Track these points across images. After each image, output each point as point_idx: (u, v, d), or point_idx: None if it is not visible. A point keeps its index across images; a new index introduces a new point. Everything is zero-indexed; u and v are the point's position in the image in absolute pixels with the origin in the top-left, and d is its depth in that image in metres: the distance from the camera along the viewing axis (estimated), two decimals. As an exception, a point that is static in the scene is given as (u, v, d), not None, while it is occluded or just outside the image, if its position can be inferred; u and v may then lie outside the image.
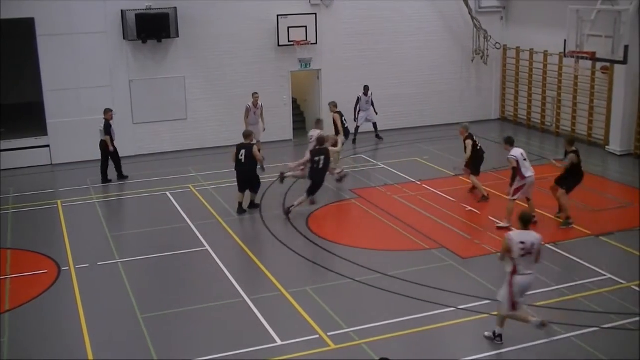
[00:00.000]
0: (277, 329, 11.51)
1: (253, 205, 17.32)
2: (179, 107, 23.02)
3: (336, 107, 20.82)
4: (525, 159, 15.58)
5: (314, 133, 18.31)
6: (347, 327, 11.53)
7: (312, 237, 15.56)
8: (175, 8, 22.12)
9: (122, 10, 21.71)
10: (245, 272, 14.02)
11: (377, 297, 12.74)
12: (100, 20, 21.72)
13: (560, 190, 15.95)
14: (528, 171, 15.57)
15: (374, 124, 24.14)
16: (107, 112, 19.74)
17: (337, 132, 20.19)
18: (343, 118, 20.69)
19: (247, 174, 16.90)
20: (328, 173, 17.63)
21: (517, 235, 10.63)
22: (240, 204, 17.06)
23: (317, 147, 17.34)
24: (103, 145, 19.65)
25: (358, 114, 23.54)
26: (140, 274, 13.97)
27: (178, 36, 22.38)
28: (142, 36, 21.87)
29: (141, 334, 11.50)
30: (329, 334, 11.34)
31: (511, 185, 15.94)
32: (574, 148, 15.87)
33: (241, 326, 11.76)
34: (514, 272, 10.62)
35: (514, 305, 10.73)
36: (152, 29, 21.91)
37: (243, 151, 16.77)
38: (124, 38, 21.97)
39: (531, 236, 10.64)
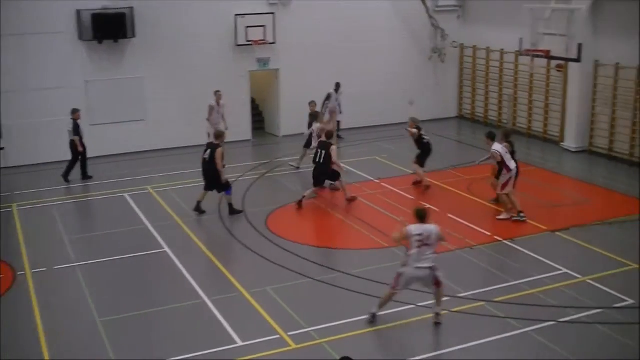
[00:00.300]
0: (238, 330, 11.46)
1: (232, 210, 16.82)
2: (137, 108, 22.78)
3: (316, 106, 21.09)
4: (507, 152, 15.99)
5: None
6: (307, 327, 11.54)
7: (271, 237, 15.53)
8: (132, 8, 21.90)
9: (77, 10, 21.42)
10: (205, 274, 13.93)
11: (338, 296, 12.77)
12: (56, 20, 21.38)
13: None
14: (512, 164, 15.92)
15: (338, 122, 24.21)
16: (75, 112, 19.64)
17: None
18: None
19: (209, 173, 16.72)
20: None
21: (415, 229, 11.07)
22: (199, 202, 16.92)
23: (320, 140, 17.82)
24: (73, 146, 19.58)
25: (326, 110, 23.58)
26: (98, 277, 13.79)
27: (135, 36, 22.15)
28: (98, 36, 21.60)
29: (100, 338, 11.35)
30: (289, 333, 11.33)
31: (497, 177, 16.34)
32: (509, 140, 16.38)
33: (201, 328, 11.68)
34: (405, 264, 11.15)
35: (393, 288, 11.37)
36: (109, 29, 21.64)
37: (209, 151, 16.66)
38: (80, 38, 21.67)
39: (428, 228, 11.09)
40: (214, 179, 16.71)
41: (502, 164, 15.99)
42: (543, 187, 18.44)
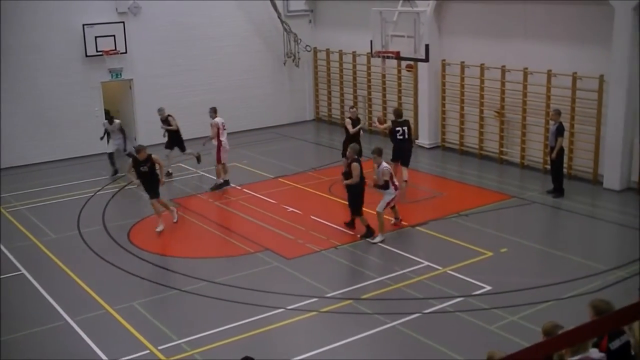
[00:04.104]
0: (105, 349, 11.12)
1: (367, 234, 15.43)
2: (-19, 125, 21.61)
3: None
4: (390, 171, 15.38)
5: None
6: (177, 339, 11.36)
7: (135, 251, 15.17)
8: (-30, 19, 20.81)
9: None
10: (67, 293, 13.38)
11: (206, 306, 12.65)
12: None
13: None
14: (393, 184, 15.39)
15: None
16: None
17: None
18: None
19: (351, 189, 15.56)
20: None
21: None
22: (367, 226, 15.47)
23: (396, 120, 18.93)
24: None
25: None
26: (-50, 306, 12.99)
27: (-25, 50, 21.05)
28: None
29: (-45, 371, 10.73)
30: (159, 347, 11.11)
31: (379, 185, 15.23)
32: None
33: (67, 350, 11.24)
34: None
35: None
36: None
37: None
38: None
39: None
40: (354, 195, 15.51)
41: (389, 181, 15.17)
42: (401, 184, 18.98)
